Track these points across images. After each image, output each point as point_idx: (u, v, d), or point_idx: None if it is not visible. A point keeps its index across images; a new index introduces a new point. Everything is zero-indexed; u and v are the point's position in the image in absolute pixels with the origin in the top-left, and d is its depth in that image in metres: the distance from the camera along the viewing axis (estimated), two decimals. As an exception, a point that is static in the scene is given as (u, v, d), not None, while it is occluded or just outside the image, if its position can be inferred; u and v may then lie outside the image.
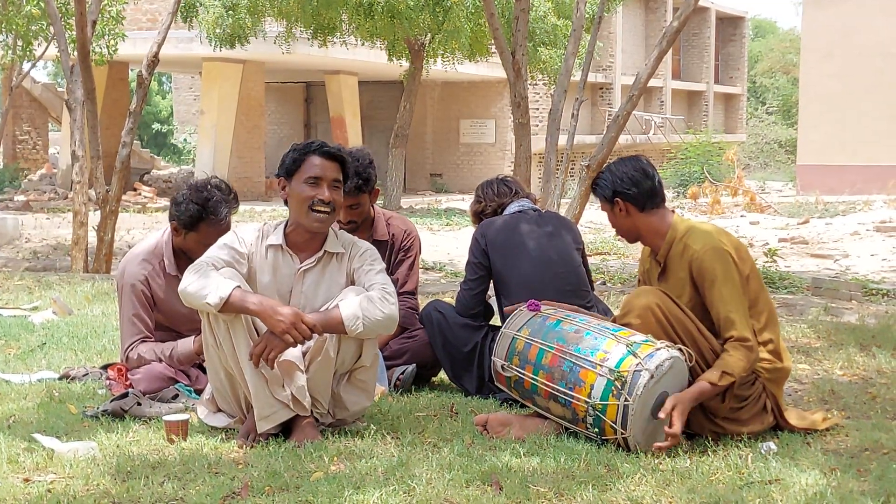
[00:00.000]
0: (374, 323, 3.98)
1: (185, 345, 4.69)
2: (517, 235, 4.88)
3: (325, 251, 4.16)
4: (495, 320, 5.05)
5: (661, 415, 3.80)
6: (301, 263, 4.15)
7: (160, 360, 4.67)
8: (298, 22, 20.53)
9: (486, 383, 4.78)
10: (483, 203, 5.11)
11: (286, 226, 4.18)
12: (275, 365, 3.94)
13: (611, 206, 4.21)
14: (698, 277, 4.02)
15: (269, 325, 3.88)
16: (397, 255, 5.21)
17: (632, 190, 4.15)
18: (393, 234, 5.21)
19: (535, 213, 5.02)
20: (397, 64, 22.72)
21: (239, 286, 3.93)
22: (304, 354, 4.03)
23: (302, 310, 4.04)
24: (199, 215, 4.70)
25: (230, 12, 20.31)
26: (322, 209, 4.06)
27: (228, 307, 3.89)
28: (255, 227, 4.23)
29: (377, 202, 5.27)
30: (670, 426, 3.79)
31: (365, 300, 3.99)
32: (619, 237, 4.33)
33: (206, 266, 4.00)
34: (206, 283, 3.91)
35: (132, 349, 4.72)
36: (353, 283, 4.16)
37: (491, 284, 4.97)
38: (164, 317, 4.80)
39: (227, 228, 4.67)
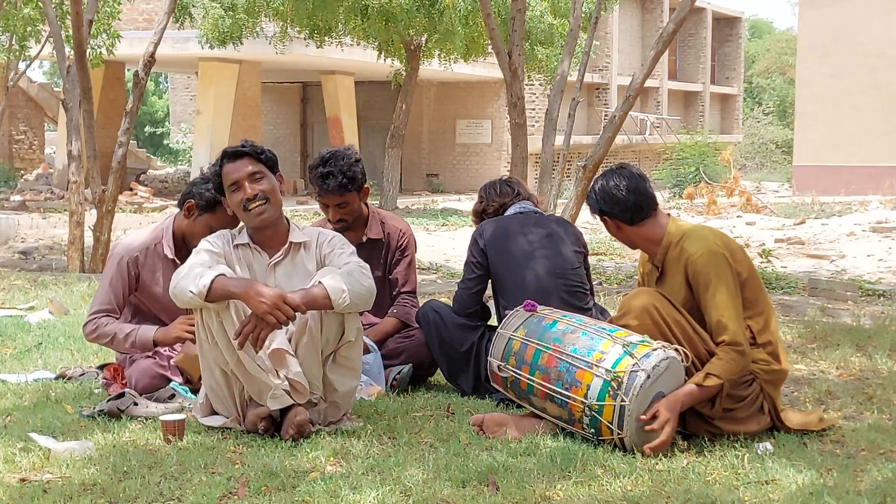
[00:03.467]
0: (358, 296, 4.04)
1: (147, 332, 4.69)
2: (516, 236, 4.88)
3: (291, 242, 4.27)
4: (492, 321, 5.06)
5: (644, 416, 3.81)
6: (270, 258, 4.24)
7: (116, 338, 4.68)
8: (294, 23, 20.52)
9: (482, 383, 4.78)
10: (485, 203, 5.14)
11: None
12: (265, 353, 3.97)
13: (608, 219, 4.25)
14: (693, 280, 4.03)
15: (252, 307, 3.91)
16: (393, 254, 5.22)
17: (615, 209, 4.19)
18: (388, 233, 5.21)
19: (536, 214, 5.03)
20: (388, 63, 22.71)
21: (223, 274, 3.98)
22: (289, 340, 4.06)
23: None
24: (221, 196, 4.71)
25: (229, 13, 20.29)
26: (253, 205, 4.18)
27: (212, 294, 3.94)
28: (219, 232, 4.34)
29: (374, 203, 5.28)
30: (654, 422, 3.80)
31: (345, 275, 4.06)
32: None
33: (191, 266, 4.05)
34: (190, 278, 3.98)
35: (94, 320, 4.73)
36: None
37: (489, 285, 4.97)
38: (146, 299, 4.81)
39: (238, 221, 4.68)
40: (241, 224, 4.33)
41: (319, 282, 4.03)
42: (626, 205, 4.17)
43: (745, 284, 4.05)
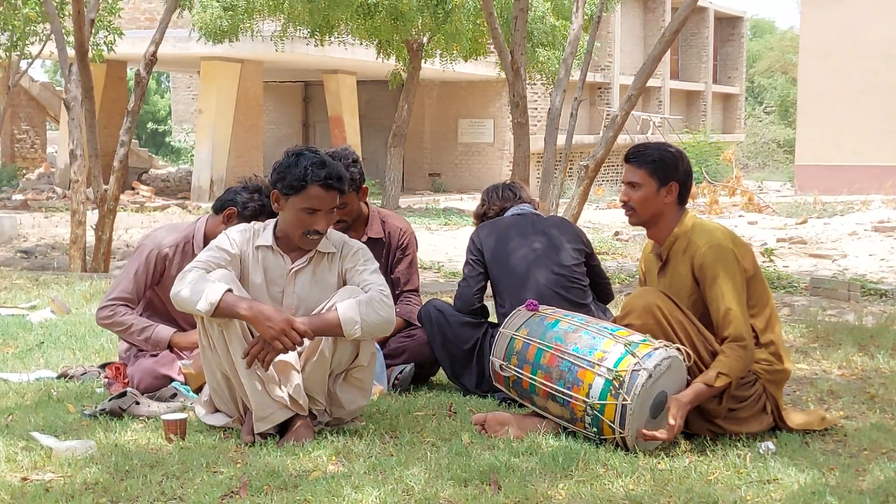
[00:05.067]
0: (371, 326, 3.96)
1: (164, 331, 4.71)
2: (512, 237, 4.96)
3: (317, 251, 4.16)
4: (491, 319, 5.09)
5: (671, 420, 3.79)
6: (292, 264, 4.14)
7: (131, 329, 4.69)
8: (297, 22, 20.51)
9: (485, 378, 4.77)
10: (486, 206, 5.21)
11: (276, 227, 4.17)
12: (270, 366, 3.95)
13: (661, 184, 4.10)
14: (699, 274, 4.02)
15: (260, 332, 3.87)
16: (395, 253, 5.22)
17: (689, 183, 4.17)
18: (389, 233, 5.21)
19: (534, 216, 5.07)
20: (389, 63, 22.72)
21: (230, 289, 3.91)
22: (299, 354, 4.04)
23: (295, 311, 4.06)
24: (263, 210, 4.72)
25: (229, 12, 20.27)
26: (313, 237, 4.07)
27: (219, 312, 3.88)
28: (243, 227, 4.22)
29: (376, 202, 5.28)
30: (671, 424, 3.78)
31: (364, 303, 3.96)
32: (630, 216, 4.18)
33: (197, 270, 3.99)
34: (197, 289, 3.90)
35: (112, 306, 4.73)
36: (345, 282, 4.15)
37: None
38: (164, 296, 4.80)
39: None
40: (267, 222, 4.22)
41: (334, 307, 3.95)
42: (690, 182, 4.18)
43: (749, 283, 4.05)
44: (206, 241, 4.76)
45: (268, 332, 3.85)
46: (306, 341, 4.00)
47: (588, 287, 4.99)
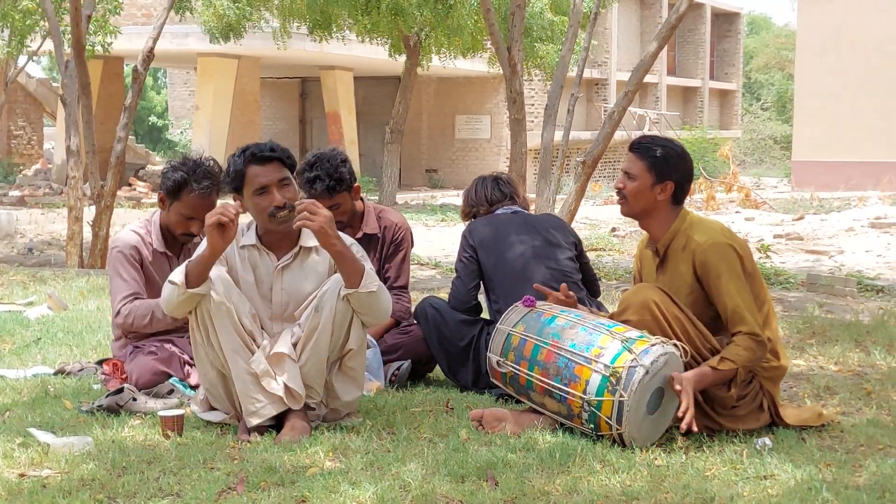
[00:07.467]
0: (380, 303, 4.03)
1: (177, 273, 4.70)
2: (505, 235, 4.97)
3: (301, 247, 4.19)
4: (484, 315, 5.10)
5: (678, 386, 3.80)
6: (278, 261, 4.17)
7: (153, 316, 4.69)
8: (297, 17, 20.48)
9: (482, 375, 4.78)
10: (475, 207, 5.20)
11: (258, 226, 4.22)
12: (264, 355, 3.97)
13: (656, 181, 4.07)
14: (702, 271, 4.00)
15: (212, 240, 3.89)
16: (388, 248, 5.20)
17: (686, 185, 4.14)
18: (385, 227, 5.20)
19: (525, 214, 5.10)
20: (397, 60, 22.69)
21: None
22: (294, 346, 4.04)
23: (285, 306, 4.14)
24: (183, 182, 4.75)
25: (236, 4, 20.21)
26: (281, 214, 4.09)
27: (190, 277, 3.92)
28: None
29: (374, 199, 5.29)
30: (680, 401, 3.80)
31: (379, 286, 4.04)
32: (622, 205, 4.17)
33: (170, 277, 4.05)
34: (169, 287, 3.99)
35: (125, 305, 4.74)
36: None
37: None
38: (148, 289, 4.83)
39: (211, 205, 4.61)
40: (249, 222, 4.26)
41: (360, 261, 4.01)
42: (689, 183, 4.14)
43: (748, 280, 4.05)
44: (163, 232, 4.87)
45: (208, 230, 3.88)
46: (299, 330, 4.03)
47: (581, 282, 5.02)
